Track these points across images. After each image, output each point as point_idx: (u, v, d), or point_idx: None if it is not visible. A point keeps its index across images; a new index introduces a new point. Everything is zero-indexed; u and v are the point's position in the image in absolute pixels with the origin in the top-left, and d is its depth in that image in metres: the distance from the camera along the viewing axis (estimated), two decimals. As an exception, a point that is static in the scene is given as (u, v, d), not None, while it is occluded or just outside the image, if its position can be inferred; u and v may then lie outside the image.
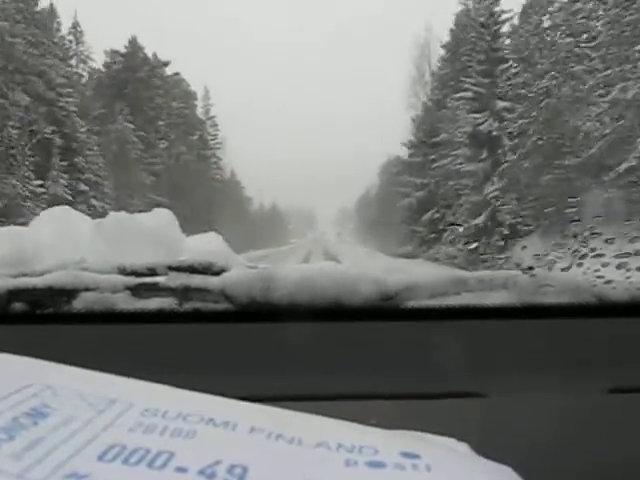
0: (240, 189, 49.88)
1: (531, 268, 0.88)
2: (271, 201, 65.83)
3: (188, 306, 0.80)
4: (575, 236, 1.03)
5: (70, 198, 21.17)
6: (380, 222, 38.35)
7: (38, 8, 25.57)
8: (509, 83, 18.79)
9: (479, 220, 17.64)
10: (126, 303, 0.81)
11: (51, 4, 28.51)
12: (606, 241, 0.97)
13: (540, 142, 15.28)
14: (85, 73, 32.53)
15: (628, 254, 0.92)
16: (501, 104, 18.64)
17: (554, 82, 15.58)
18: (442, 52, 28.04)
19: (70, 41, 31.54)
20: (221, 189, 39.10)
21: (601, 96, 13.85)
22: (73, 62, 30.76)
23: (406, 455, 0.35)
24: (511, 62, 19.22)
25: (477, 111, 19.36)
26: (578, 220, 1.26)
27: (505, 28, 20.48)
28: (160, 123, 32.03)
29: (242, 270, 0.84)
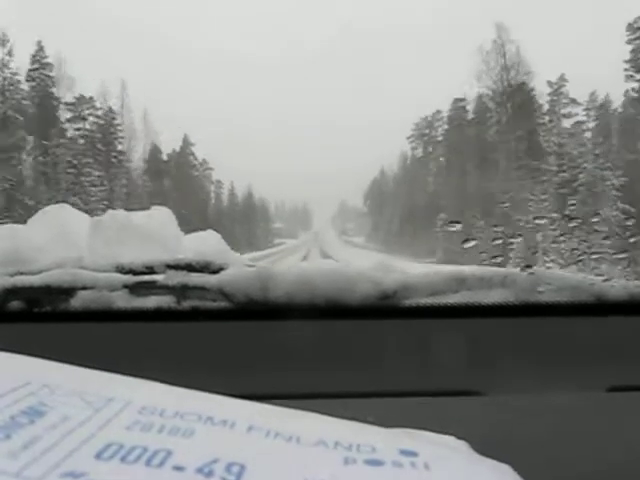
0: (199, 165, 37.18)
1: (529, 266, 0.88)
2: (251, 191, 48.83)
3: (186, 304, 0.80)
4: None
5: None
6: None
7: None
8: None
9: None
10: (124, 301, 0.80)
11: None
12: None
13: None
14: None
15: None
16: None
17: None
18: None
19: None
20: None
21: None
22: None
23: (404, 453, 0.35)
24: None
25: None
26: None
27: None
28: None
29: (240, 268, 0.84)
